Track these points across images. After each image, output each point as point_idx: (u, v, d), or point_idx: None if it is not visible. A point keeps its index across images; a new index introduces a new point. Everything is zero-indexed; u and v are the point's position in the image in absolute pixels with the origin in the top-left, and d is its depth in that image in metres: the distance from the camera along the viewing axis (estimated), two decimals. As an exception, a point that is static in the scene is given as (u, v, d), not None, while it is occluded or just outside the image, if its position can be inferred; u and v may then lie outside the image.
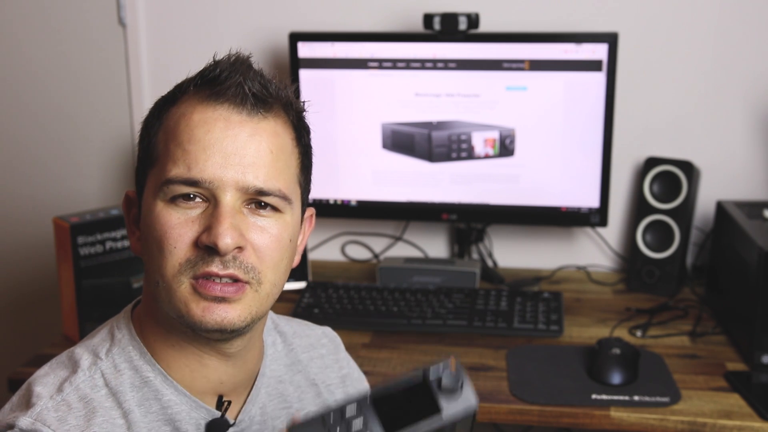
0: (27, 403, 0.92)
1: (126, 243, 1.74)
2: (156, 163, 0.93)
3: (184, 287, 0.90)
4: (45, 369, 0.97)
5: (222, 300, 0.90)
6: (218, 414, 0.98)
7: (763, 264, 1.57)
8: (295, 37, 1.95)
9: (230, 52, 0.95)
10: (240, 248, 0.90)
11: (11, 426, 0.90)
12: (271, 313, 1.15)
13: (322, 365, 1.16)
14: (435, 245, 2.16)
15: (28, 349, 2.05)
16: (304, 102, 1.01)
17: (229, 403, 0.99)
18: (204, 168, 0.90)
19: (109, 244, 1.73)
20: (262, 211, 0.93)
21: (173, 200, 0.91)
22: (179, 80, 0.98)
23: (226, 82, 0.92)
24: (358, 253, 2.20)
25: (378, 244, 2.18)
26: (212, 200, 0.91)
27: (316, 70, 1.95)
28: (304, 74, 1.95)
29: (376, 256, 2.18)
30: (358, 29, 2.04)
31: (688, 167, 1.93)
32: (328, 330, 1.22)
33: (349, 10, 2.07)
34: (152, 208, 0.92)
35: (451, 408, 0.61)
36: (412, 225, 2.15)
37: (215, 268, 0.89)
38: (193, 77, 0.95)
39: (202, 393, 0.98)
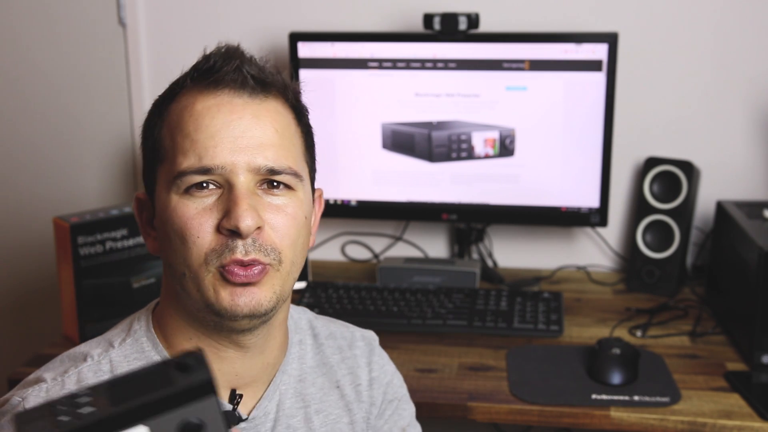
0: (32, 383, 0.95)
1: (126, 243, 1.74)
2: (165, 159, 0.94)
3: (210, 275, 0.91)
4: (60, 356, 0.99)
5: (247, 284, 0.91)
6: (230, 407, 0.98)
7: (763, 264, 1.57)
8: (295, 37, 1.95)
9: (219, 44, 0.96)
10: (259, 228, 0.91)
11: (7, 400, 0.93)
12: (306, 311, 1.16)
13: (354, 365, 1.15)
14: (435, 245, 2.16)
15: (28, 349, 2.06)
16: (299, 82, 1.02)
17: (241, 396, 0.99)
18: (215, 155, 0.91)
19: (109, 244, 1.73)
20: (275, 191, 0.94)
21: (187, 191, 0.92)
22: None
23: (223, 68, 0.93)
24: (358, 253, 2.20)
25: (378, 244, 2.18)
26: (226, 185, 0.92)
27: (316, 70, 1.95)
28: (304, 74, 1.95)
29: (376, 256, 2.18)
30: (358, 29, 2.04)
31: (688, 167, 1.93)
32: (368, 333, 1.21)
33: (349, 10, 2.07)
34: (168, 203, 0.93)
35: (183, 379, 0.57)
36: (412, 225, 2.15)
37: (239, 254, 0.90)
38: (188, 72, 0.96)
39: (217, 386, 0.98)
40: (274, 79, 0.97)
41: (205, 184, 0.91)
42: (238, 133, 0.92)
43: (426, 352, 1.68)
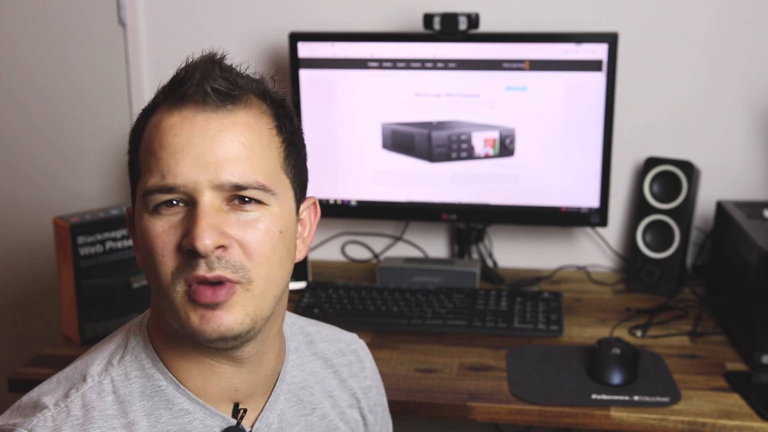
0: (31, 411, 0.91)
1: (126, 243, 1.74)
2: (139, 177, 0.94)
3: (179, 296, 0.89)
4: (55, 376, 0.96)
5: (215, 306, 0.89)
6: (234, 422, 0.97)
7: (763, 264, 1.57)
8: (295, 37, 1.95)
9: (202, 54, 0.94)
10: (224, 247, 0.89)
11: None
12: (297, 317, 1.14)
13: (349, 373, 1.15)
14: (435, 245, 2.16)
15: (28, 349, 2.06)
16: (283, 90, 0.98)
17: (245, 411, 0.98)
18: (177, 173, 0.88)
19: (109, 244, 1.73)
20: (246, 206, 0.91)
21: (156, 209, 0.90)
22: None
23: (186, 83, 0.91)
24: (358, 253, 2.20)
25: (378, 244, 2.18)
26: (191, 203, 0.90)
27: (316, 70, 1.95)
28: (304, 74, 1.95)
29: (376, 256, 2.18)
30: (358, 29, 2.04)
31: (688, 167, 1.93)
32: (356, 337, 1.21)
33: (349, 10, 2.07)
34: (140, 221, 0.92)
35: None
36: (412, 225, 2.15)
37: (202, 271, 0.88)
38: (164, 85, 0.94)
39: (217, 401, 0.97)
40: (249, 87, 0.93)
41: (175, 202, 0.90)
42: (200, 150, 0.89)
43: (426, 352, 1.68)
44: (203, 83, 0.90)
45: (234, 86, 0.92)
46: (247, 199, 0.91)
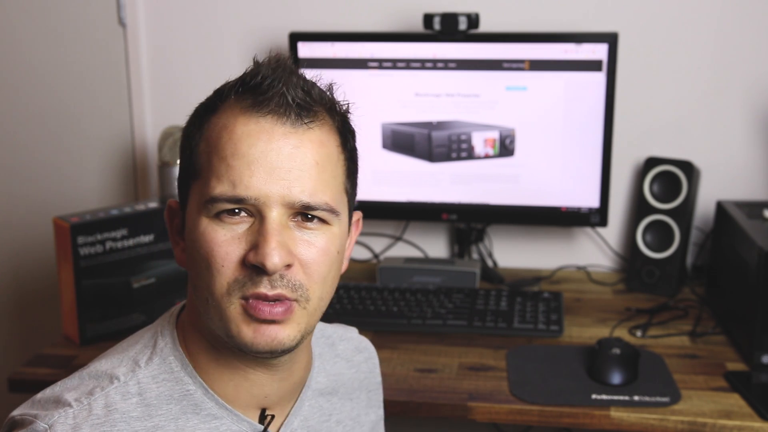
0: (53, 405, 0.90)
1: (126, 243, 1.74)
2: (199, 177, 0.91)
3: (234, 308, 0.88)
4: (78, 373, 0.95)
5: (272, 322, 0.89)
6: (261, 428, 0.96)
7: (763, 264, 1.57)
8: (295, 37, 1.95)
9: (270, 53, 0.93)
10: (289, 265, 0.88)
11: (30, 423, 0.88)
12: None
13: (366, 369, 1.15)
14: (435, 245, 2.16)
15: (28, 349, 2.06)
16: (347, 103, 0.98)
17: (272, 417, 0.98)
18: (249, 184, 0.87)
19: (109, 244, 1.73)
20: (309, 224, 0.90)
21: (218, 216, 0.88)
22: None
23: (269, 91, 0.89)
24: (358, 253, 2.20)
25: (378, 244, 2.18)
26: (258, 216, 0.88)
27: (316, 70, 1.94)
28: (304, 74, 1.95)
29: (376, 256, 2.18)
30: (358, 29, 2.04)
31: (688, 167, 1.93)
32: (361, 336, 1.22)
33: (349, 10, 2.07)
34: (197, 224, 0.90)
35: None
36: (412, 225, 2.15)
37: (264, 289, 0.87)
38: (233, 83, 0.92)
39: (246, 407, 0.96)
40: (322, 100, 0.93)
41: (237, 211, 0.88)
42: (275, 164, 0.87)
43: (426, 352, 1.68)
44: (287, 95, 0.89)
45: (312, 100, 0.91)
46: (310, 217, 0.90)
